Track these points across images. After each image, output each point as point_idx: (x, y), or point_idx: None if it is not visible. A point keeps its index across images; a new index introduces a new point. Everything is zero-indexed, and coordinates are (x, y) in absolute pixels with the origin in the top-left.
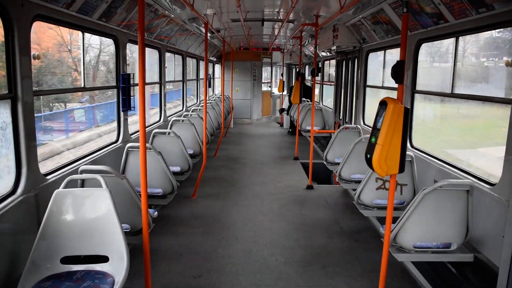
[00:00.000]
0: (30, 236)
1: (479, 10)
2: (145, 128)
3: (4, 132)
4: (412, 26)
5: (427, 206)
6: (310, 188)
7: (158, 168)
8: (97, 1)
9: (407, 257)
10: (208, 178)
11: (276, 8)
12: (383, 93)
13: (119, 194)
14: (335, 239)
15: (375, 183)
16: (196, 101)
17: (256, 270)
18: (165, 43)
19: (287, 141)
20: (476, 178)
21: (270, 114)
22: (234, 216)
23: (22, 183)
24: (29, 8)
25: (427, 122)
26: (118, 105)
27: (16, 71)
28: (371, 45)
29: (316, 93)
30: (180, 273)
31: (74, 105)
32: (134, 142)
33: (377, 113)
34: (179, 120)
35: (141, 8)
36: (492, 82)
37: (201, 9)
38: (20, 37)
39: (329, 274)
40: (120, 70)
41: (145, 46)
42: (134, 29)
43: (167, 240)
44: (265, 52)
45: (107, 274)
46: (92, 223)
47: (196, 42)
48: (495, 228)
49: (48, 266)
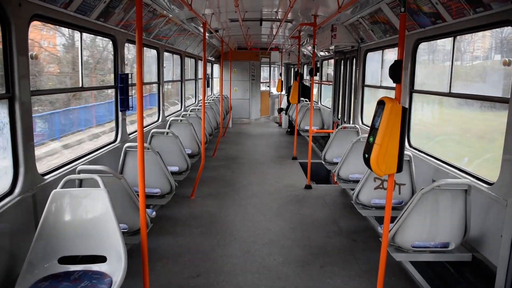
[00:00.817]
0: (28, 236)
1: (477, 10)
2: (143, 128)
3: (2, 132)
4: (409, 26)
5: (425, 205)
6: (308, 188)
7: (156, 168)
8: (95, 1)
9: (405, 256)
10: (206, 178)
11: (274, 8)
12: (381, 93)
13: (117, 194)
14: (334, 239)
15: (373, 182)
16: (195, 101)
17: (254, 270)
18: (163, 43)
19: (285, 141)
20: (474, 177)
21: (268, 114)
22: (233, 216)
23: (20, 183)
24: (26, 8)
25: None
26: (116, 105)
27: (13, 71)
28: (369, 44)
29: (315, 93)
30: (178, 273)
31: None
32: (132, 142)
33: (375, 113)
34: (178, 120)
35: (139, 8)
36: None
37: (199, 9)
38: (17, 37)
39: (328, 274)
40: (118, 70)
41: (143, 46)
42: (132, 29)
43: (165, 240)
44: (264, 52)
45: (105, 274)
46: (90, 223)
47: (195, 42)
48: (493, 228)
49: (45, 266)
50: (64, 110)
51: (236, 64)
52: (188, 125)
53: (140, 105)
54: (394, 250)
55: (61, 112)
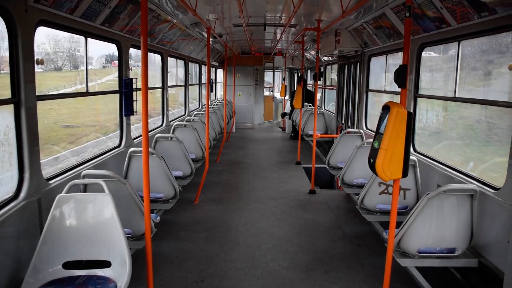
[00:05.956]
0: (33, 241)
1: (481, 14)
2: (148, 133)
3: (7, 136)
4: (414, 30)
5: (430, 210)
6: (312, 193)
7: (161, 173)
8: (100, 7)
9: (411, 262)
10: (210, 182)
11: (278, 13)
12: (386, 97)
13: (122, 199)
14: (338, 244)
15: (378, 187)
16: (198, 105)
17: (258, 275)
18: (168, 48)
19: (289, 146)
20: (480, 182)
21: (272, 118)
22: (237, 221)
23: (25, 188)
24: (33, 13)
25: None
26: (121, 110)
27: (19, 76)
28: (373, 49)
29: (318, 98)
30: (183, 278)
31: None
32: (136, 146)
33: (380, 118)
34: (182, 125)
35: (143, 14)
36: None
37: (203, 14)
38: (23, 42)
39: (332, 279)
40: (123, 75)
41: (148, 51)
42: (136, 34)
43: (170, 245)
44: (267, 57)
45: (109, 279)
46: (95, 228)
47: (199, 47)
48: (500, 233)
49: (50, 271)
50: None
51: (240, 69)
52: (192, 130)
53: (145, 110)
54: (399, 255)
55: None
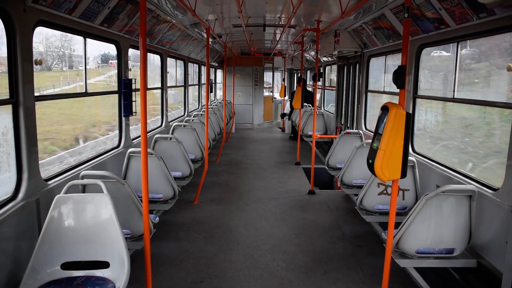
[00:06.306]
0: (31, 242)
1: (480, 15)
2: (147, 133)
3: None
4: (413, 31)
5: (429, 211)
6: (311, 193)
7: (160, 173)
8: (99, 7)
9: (409, 262)
10: (210, 183)
11: (278, 13)
12: (385, 98)
13: (120, 200)
14: (337, 245)
15: (377, 188)
16: (198, 106)
17: (257, 275)
18: (167, 49)
19: (288, 146)
20: (478, 183)
21: (271, 119)
22: (236, 221)
23: (23, 188)
24: (31, 13)
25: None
26: (120, 110)
27: (18, 77)
28: (372, 50)
29: (318, 98)
30: (182, 279)
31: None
32: (135, 147)
33: (378, 118)
34: (181, 125)
35: (142, 14)
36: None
37: (202, 14)
38: (22, 42)
39: (331, 280)
40: (122, 76)
41: (147, 52)
42: (136, 35)
43: (168, 246)
44: (267, 57)
45: (107, 280)
46: (93, 228)
47: (198, 48)
48: (499, 234)
49: (48, 271)
50: None
51: (239, 69)
52: (192, 130)
53: (144, 110)
54: (398, 256)
55: None
